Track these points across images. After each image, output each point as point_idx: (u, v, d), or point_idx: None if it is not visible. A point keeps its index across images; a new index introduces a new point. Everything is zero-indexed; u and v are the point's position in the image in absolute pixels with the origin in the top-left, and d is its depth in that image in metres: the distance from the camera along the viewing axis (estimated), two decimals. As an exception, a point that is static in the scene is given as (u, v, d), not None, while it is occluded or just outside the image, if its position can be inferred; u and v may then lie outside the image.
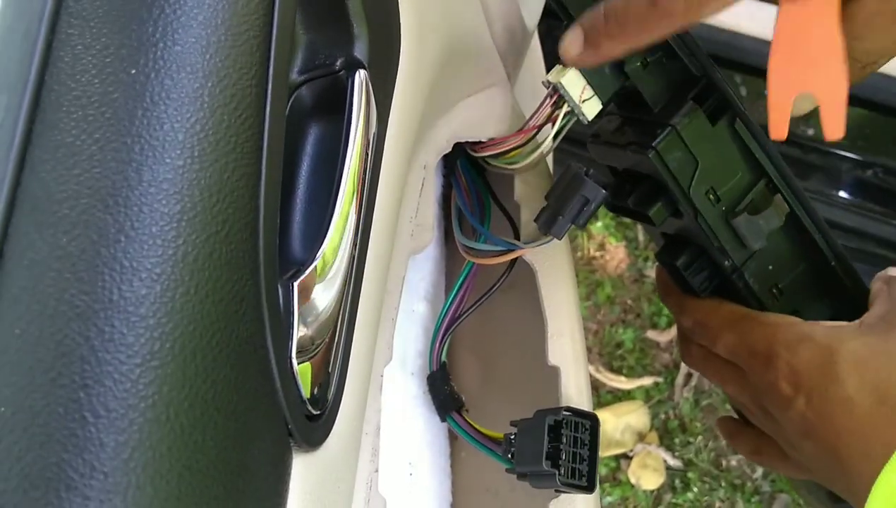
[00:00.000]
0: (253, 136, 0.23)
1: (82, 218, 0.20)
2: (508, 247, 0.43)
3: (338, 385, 0.29)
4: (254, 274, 0.23)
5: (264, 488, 0.23)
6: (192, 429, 0.20)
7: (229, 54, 0.23)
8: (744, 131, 0.38)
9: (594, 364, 1.37)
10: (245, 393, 0.22)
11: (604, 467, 1.32)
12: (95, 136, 0.21)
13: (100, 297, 0.20)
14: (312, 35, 0.30)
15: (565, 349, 0.45)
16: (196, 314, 0.21)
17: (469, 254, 0.45)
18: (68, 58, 0.21)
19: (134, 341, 0.20)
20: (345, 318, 0.29)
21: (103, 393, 0.19)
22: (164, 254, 0.20)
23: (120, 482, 0.19)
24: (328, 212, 0.28)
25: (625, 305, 1.40)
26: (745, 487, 1.31)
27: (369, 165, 0.31)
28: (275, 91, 0.24)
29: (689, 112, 0.38)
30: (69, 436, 0.19)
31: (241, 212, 0.22)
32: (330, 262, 0.27)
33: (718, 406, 1.35)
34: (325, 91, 0.30)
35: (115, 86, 0.21)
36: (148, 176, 0.21)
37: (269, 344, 0.23)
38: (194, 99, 0.22)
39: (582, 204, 0.38)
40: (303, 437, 0.25)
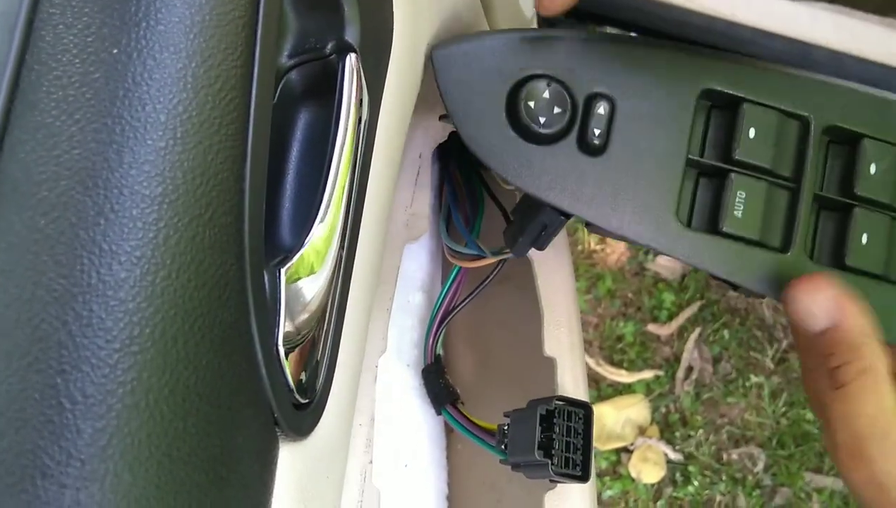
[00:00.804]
0: (238, 118, 0.22)
1: (61, 199, 0.20)
2: (479, 252, 0.43)
3: (327, 373, 0.28)
4: (238, 258, 0.22)
5: (249, 476, 0.23)
6: (173, 416, 0.20)
7: (214, 34, 0.22)
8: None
9: (595, 357, 1.36)
10: (228, 380, 0.22)
11: (604, 460, 1.32)
12: (76, 117, 0.20)
13: (78, 281, 0.19)
14: (303, 19, 0.30)
15: (562, 340, 0.44)
16: (177, 298, 0.20)
17: (448, 254, 0.44)
18: (49, 37, 0.21)
19: (113, 326, 0.19)
20: (334, 306, 0.29)
21: (81, 379, 0.19)
22: (144, 236, 0.20)
23: (97, 469, 0.18)
24: (317, 198, 0.27)
25: (625, 299, 1.40)
26: (747, 481, 1.31)
27: (360, 150, 0.30)
28: (261, 72, 0.23)
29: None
30: (45, 423, 0.18)
31: (225, 195, 0.22)
32: (318, 249, 0.27)
33: (719, 399, 1.35)
34: (315, 75, 0.30)
35: (96, 66, 0.21)
36: (129, 157, 0.20)
37: (253, 330, 0.23)
38: (177, 79, 0.21)
39: (540, 228, 0.38)
40: (290, 426, 0.25)
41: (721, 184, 0.35)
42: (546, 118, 0.33)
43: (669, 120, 0.35)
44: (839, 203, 0.36)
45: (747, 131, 0.35)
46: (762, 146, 0.35)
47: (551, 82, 0.34)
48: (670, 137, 0.35)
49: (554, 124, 0.34)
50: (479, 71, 0.34)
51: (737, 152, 0.35)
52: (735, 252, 0.35)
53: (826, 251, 0.36)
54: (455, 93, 0.33)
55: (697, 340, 1.37)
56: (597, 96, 0.34)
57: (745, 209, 0.34)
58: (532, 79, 0.34)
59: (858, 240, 0.35)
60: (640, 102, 0.35)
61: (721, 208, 0.34)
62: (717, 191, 0.35)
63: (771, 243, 0.35)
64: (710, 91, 0.35)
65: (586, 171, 0.34)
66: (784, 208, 0.35)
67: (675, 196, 0.35)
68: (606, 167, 0.34)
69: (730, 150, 0.35)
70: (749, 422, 1.34)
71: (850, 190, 0.35)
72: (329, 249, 0.27)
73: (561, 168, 0.34)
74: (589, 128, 0.34)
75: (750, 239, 0.35)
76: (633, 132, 0.34)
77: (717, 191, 0.35)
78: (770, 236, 0.35)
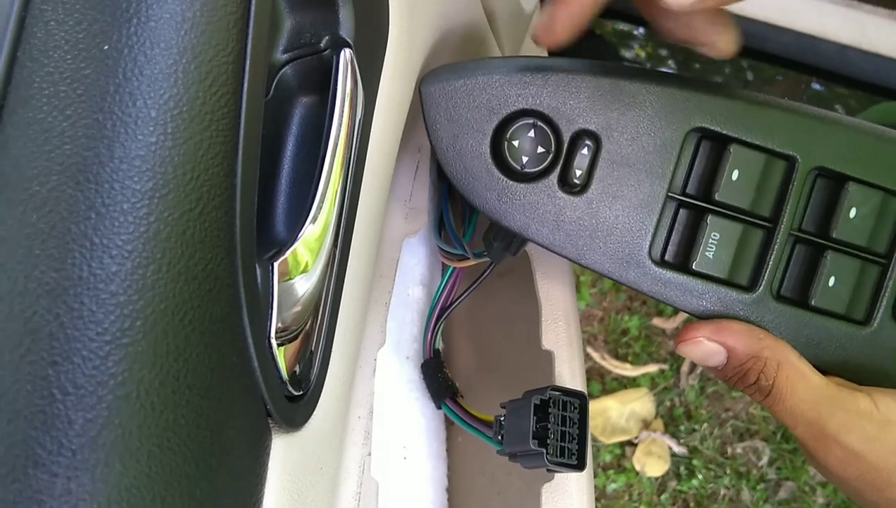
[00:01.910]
0: (229, 113, 0.23)
1: (53, 194, 0.20)
2: (463, 253, 0.43)
3: (321, 366, 0.29)
4: (230, 253, 0.22)
5: (241, 467, 0.23)
6: (163, 407, 0.20)
7: (205, 30, 0.22)
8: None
9: (599, 351, 1.36)
10: (220, 373, 0.22)
11: (608, 454, 1.32)
12: (67, 113, 0.21)
13: (69, 274, 0.19)
14: (298, 14, 0.30)
15: (560, 333, 0.44)
16: (168, 292, 0.20)
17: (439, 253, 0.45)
18: (41, 34, 0.21)
19: (104, 318, 0.19)
20: (328, 299, 0.29)
21: (72, 370, 0.19)
22: (135, 231, 0.20)
23: (88, 459, 0.19)
24: (311, 193, 0.28)
25: (630, 292, 1.40)
26: (751, 474, 1.31)
27: (355, 145, 0.30)
28: (253, 68, 0.24)
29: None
30: (37, 413, 0.19)
31: (216, 190, 0.22)
32: (312, 243, 0.27)
33: (724, 393, 1.35)
34: (310, 70, 0.30)
35: (87, 62, 0.21)
36: (119, 152, 0.20)
37: (245, 323, 0.23)
38: (168, 75, 0.21)
39: (511, 236, 0.39)
40: (282, 418, 0.25)
41: (697, 222, 0.36)
42: (529, 158, 0.34)
43: (654, 159, 0.35)
44: (814, 243, 0.37)
45: (731, 174, 0.35)
46: (743, 188, 0.35)
47: (537, 122, 0.34)
48: (652, 176, 0.35)
49: (537, 164, 0.34)
50: (466, 108, 0.34)
51: (717, 194, 0.35)
52: (701, 289, 0.36)
53: (794, 289, 0.37)
54: (440, 129, 0.34)
55: (702, 334, 1.37)
56: (582, 134, 0.35)
57: (717, 250, 0.36)
58: (519, 116, 0.34)
59: (826, 283, 0.36)
60: (626, 141, 0.35)
61: (693, 248, 0.36)
62: (693, 229, 0.36)
63: (738, 281, 0.36)
64: (701, 129, 0.36)
65: (565, 210, 0.35)
66: (757, 247, 0.36)
67: (649, 234, 0.36)
68: (585, 206, 0.35)
69: (710, 190, 0.36)
70: (754, 416, 1.34)
71: (826, 232, 0.36)
72: (322, 243, 0.27)
73: (540, 205, 0.34)
74: (571, 168, 0.34)
75: (718, 277, 0.36)
76: (615, 172, 0.35)
77: (692, 228, 0.36)
78: (739, 275, 0.36)
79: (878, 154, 0.36)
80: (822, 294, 0.36)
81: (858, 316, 0.37)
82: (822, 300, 0.36)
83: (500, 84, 0.34)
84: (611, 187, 0.35)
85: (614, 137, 0.35)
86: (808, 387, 0.36)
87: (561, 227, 0.34)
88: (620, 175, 0.35)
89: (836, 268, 0.36)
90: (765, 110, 0.36)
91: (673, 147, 0.35)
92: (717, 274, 0.36)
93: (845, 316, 0.37)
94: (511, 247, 0.39)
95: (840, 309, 0.37)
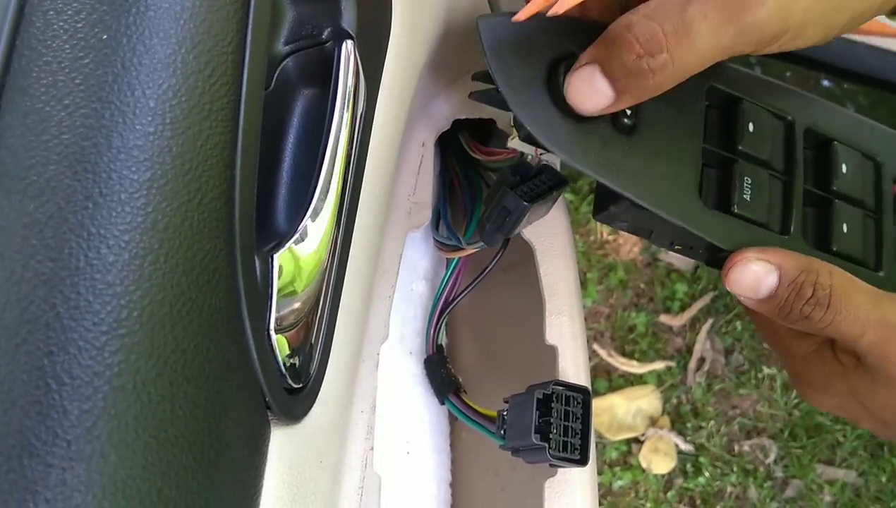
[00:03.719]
0: (229, 104, 0.23)
1: (50, 184, 0.20)
2: (457, 243, 0.43)
3: (321, 359, 0.29)
4: (228, 244, 0.22)
5: (239, 459, 0.23)
6: (160, 398, 0.20)
7: (205, 20, 0.22)
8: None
9: (606, 348, 1.36)
10: (218, 364, 0.22)
11: (614, 450, 1.32)
12: (65, 102, 0.21)
13: (66, 264, 0.19)
14: (299, 6, 0.30)
15: (563, 328, 0.44)
16: (165, 282, 0.20)
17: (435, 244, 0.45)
18: (39, 23, 0.21)
19: (100, 308, 0.19)
20: (328, 292, 0.29)
21: (68, 361, 0.19)
22: (132, 221, 0.20)
23: (83, 449, 0.19)
24: (312, 185, 0.27)
25: (637, 289, 1.39)
26: (758, 472, 1.31)
27: (357, 137, 0.30)
28: (253, 58, 0.23)
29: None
30: (32, 403, 0.18)
31: (214, 180, 0.22)
32: (312, 235, 0.27)
33: (731, 390, 1.34)
34: (311, 62, 0.30)
35: (86, 51, 0.21)
36: (118, 142, 0.20)
37: (244, 315, 0.23)
38: (167, 65, 0.21)
39: (504, 215, 0.39)
40: (281, 410, 0.25)
41: (728, 171, 0.37)
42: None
43: (686, 110, 0.37)
44: (821, 197, 0.39)
45: (747, 126, 0.37)
46: (761, 140, 0.37)
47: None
48: (688, 125, 0.37)
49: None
50: (522, 41, 0.35)
51: (741, 144, 0.37)
52: (745, 231, 0.37)
53: (815, 237, 0.39)
54: (499, 56, 0.34)
55: (710, 331, 1.37)
56: None
57: (752, 193, 0.37)
58: (572, 56, 0.34)
59: (840, 229, 0.38)
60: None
61: (731, 192, 0.36)
62: (725, 179, 0.37)
63: (773, 227, 0.37)
64: (713, 89, 0.37)
65: (619, 148, 0.35)
66: (780, 197, 0.38)
67: (695, 176, 0.36)
68: (637, 145, 0.35)
69: (734, 143, 0.37)
70: (761, 414, 1.33)
71: (828, 186, 0.39)
72: (322, 236, 0.27)
73: (596, 143, 0.35)
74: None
75: (757, 221, 0.37)
76: (658, 117, 0.36)
77: (723, 179, 0.37)
78: (772, 220, 0.37)
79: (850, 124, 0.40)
80: (840, 240, 0.38)
81: (871, 262, 0.39)
82: (842, 245, 0.38)
83: (552, 28, 0.35)
84: (657, 132, 0.36)
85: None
86: (864, 290, 0.35)
87: (616, 163, 0.35)
88: (664, 121, 0.36)
89: (845, 216, 0.38)
90: (762, 81, 0.39)
91: (698, 101, 0.37)
92: (757, 218, 0.37)
93: (862, 261, 0.38)
94: (503, 227, 0.39)
95: (858, 255, 0.38)
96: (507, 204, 0.38)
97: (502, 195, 0.39)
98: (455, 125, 0.47)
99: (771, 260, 0.35)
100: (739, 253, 0.36)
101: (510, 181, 0.39)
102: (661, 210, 0.35)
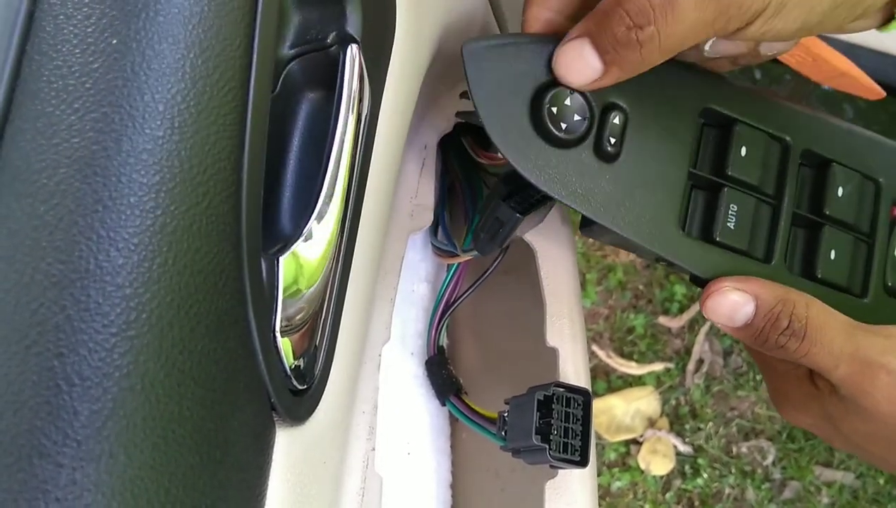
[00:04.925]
0: (236, 108, 0.23)
1: (60, 187, 0.20)
2: (452, 250, 0.43)
3: (325, 361, 0.29)
4: (235, 247, 0.23)
5: (244, 460, 0.23)
6: (168, 399, 0.20)
7: (213, 25, 0.22)
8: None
9: (605, 349, 1.36)
10: (224, 366, 0.22)
11: (613, 452, 1.32)
12: (75, 106, 0.21)
13: (76, 266, 0.20)
14: (305, 10, 0.30)
15: (564, 330, 0.45)
16: (174, 285, 0.21)
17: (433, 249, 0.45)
18: (50, 27, 0.21)
19: (110, 310, 0.20)
20: (333, 294, 0.29)
21: (78, 362, 0.19)
22: (141, 224, 0.20)
23: (93, 449, 0.19)
24: (317, 189, 0.28)
25: (636, 290, 1.40)
26: (756, 474, 1.31)
27: (361, 141, 0.30)
28: (260, 63, 0.24)
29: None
30: (43, 404, 0.19)
31: (222, 184, 0.22)
32: (316, 238, 0.27)
33: (729, 392, 1.35)
34: (316, 66, 0.30)
35: (95, 56, 0.21)
36: (127, 146, 0.21)
37: (250, 317, 0.23)
38: (176, 69, 0.22)
39: (497, 226, 0.39)
40: (286, 411, 0.25)
41: (714, 196, 0.37)
42: (567, 124, 0.34)
43: (675, 133, 0.37)
44: (811, 221, 0.39)
45: (739, 150, 0.37)
46: (751, 164, 0.37)
47: (573, 90, 0.35)
48: (675, 149, 0.37)
49: (574, 130, 0.35)
50: (506, 69, 0.35)
51: (730, 169, 0.37)
52: (726, 259, 0.37)
53: (802, 262, 0.39)
54: (481, 85, 0.34)
55: (708, 333, 1.37)
56: (612, 106, 0.36)
57: (737, 221, 0.37)
58: (555, 84, 0.35)
59: (827, 256, 0.38)
60: (650, 114, 0.36)
61: (715, 219, 0.37)
62: (711, 205, 0.37)
63: (756, 254, 0.37)
64: (709, 110, 0.37)
65: (599, 176, 0.35)
66: (767, 223, 0.38)
67: (677, 204, 0.37)
68: (618, 173, 0.36)
69: (723, 167, 0.37)
70: (759, 415, 1.34)
71: (820, 209, 0.39)
72: (327, 239, 0.28)
73: (576, 171, 0.35)
74: (605, 136, 0.35)
75: (739, 249, 0.37)
76: (643, 142, 0.36)
77: (710, 204, 0.37)
78: (755, 247, 0.37)
79: (852, 144, 0.40)
80: (825, 267, 0.38)
81: (856, 289, 0.39)
82: (827, 272, 0.38)
83: (538, 54, 0.35)
84: (641, 156, 0.36)
85: (639, 111, 0.36)
86: (839, 323, 0.35)
87: (595, 192, 0.35)
88: (648, 145, 0.36)
89: (833, 242, 0.38)
90: (761, 100, 0.38)
91: (689, 124, 0.37)
92: (738, 246, 0.37)
93: (847, 288, 0.39)
94: (497, 238, 0.40)
95: (842, 282, 0.38)
96: (499, 215, 0.39)
97: (495, 206, 0.39)
98: (458, 128, 0.48)
99: (748, 290, 0.36)
100: (717, 282, 0.36)
101: (503, 192, 0.39)
102: (639, 238, 0.36)
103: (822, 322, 0.35)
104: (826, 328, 0.35)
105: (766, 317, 0.35)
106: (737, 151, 0.37)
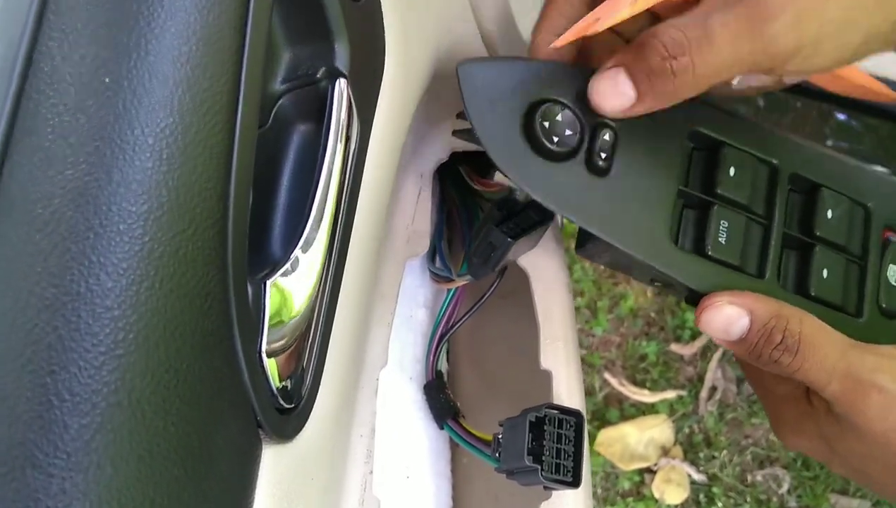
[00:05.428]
0: (223, 140, 0.24)
1: (55, 216, 0.22)
2: (448, 275, 0.45)
3: (313, 381, 0.30)
4: (221, 271, 0.24)
5: (229, 474, 0.24)
6: (154, 415, 0.21)
7: (200, 63, 0.24)
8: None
9: (617, 377, 1.36)
10: (210, 384, 0.23)
11: (627, 481, 1.32)
12: (70, 140, 0.22)
13: (68, 290, 0.21)
14: (295, 47, 0.32)
15: (558, 353, 0.45)
16: (160, 307, 0.22)
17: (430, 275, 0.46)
18: (47, 68, 0.23)
19: (99, 331, 0.21)
20: (321, 317, 0.30)
21: (68, 379, 0.20)
22: (130, 250, 0.22)
23: (82, 461, 0.20)
24: (304, 217, 0.29)
25: (648, 318, 1.40)
26: (771, 503, 1.30)
27: (350, 171, 0.32)
28: (246, 97, 0.25)
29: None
30: (35, 418, 0.20)
31: (208, 212, 0.24)
32: (303, 264, 0.28)
33: (743, 420, 1.34)
34: (307, 100, 0.31)
35: (89, 93, 0.23)
36: (117, 176, 0.22)
37: (236, 338, 0.24)
38: (164, 105, 0.23)
39: (490, 250, 0.41)
40: (272, 429, 0.27)
41: (705, 214, 0.38)
42: (559, 138, 0.36)
43: (663, 153, 0.38)
44: (803, 241, 0.39)
45: (728, 170, 0.38)
46: (740, 185, 0.38)
47: (564, 108, 0.36)
48: (665, 168, 0.38)
49: (565, 144, 0.36)
50: (499, 87, 0.36)
51: (719, 188, 0.38)
52: (720, 274, 0.38)
53: (795, 279, 0.39)
54: (475, 101, 0.36)
55: (721, 360, 1.37)
56: (602, 124, 0.37)
57: (728, 237, 0.38)
58: (547, 102, 0.36)
59: (820, 274, 0.39)
60: (639, 134, 0.38)
61: (706, 234, 0.38)
62: (702, 221, 0.38)
63: (748, 269, 0.38)
64: (696, 133, 0.38)
65: (592, 188, 0.37)
66: (758, 241, 0.39)
67: (668, 217, 0.38)
68: (610, 187, 0.37)
69: (713, 186, 0.38)
70: (774, 443, 1.33)
71: (811, 230, 0.39)
72: (314, 265, 0.29)
73: (569, 184, 0.36)
74: (595, 151, 0.36)
75: (731, 264, 0.38)
76: (633, 160, 0.37)
77: (700, 220, 0.38)
78: (747, 263, 0.38)
79: (839, 171, 0.41)
80: (818, 285, 0.39)
81: (851, 308, 0.39)
82: (820, 291, 0.39)
83: (530, 74, 0.37)
84: (631, 172, 0.37)
85: (628, 131, 0.37)
86: (832, 339, 0.36)
87: (588, 204, 0.36)
88: (638, 162, 0.37)
89: (825, 262, 0.39)
90: (749, 125, 0.39)
91: (677, 145, 0.38)
92: (730, 261, 0.38)
93: (842, 307, 0.39)
94: (489, 262, 0.41)
95: (836, 301, 0.39)
96: (492, 239, 0.40)
97: (487, 231, 0.41)
98: (456, 156, 0.49)
99: (743, 304, 0.36)
100: (712, 296, 0.37)
101: (496, 217, 0.40)
102: (633, 250, 0.37)
103: (816, 338, 0.36)
104: (819, 344, 0.36)
105: (760, 332, 0.36)
106: (725, 171, 0.38)
